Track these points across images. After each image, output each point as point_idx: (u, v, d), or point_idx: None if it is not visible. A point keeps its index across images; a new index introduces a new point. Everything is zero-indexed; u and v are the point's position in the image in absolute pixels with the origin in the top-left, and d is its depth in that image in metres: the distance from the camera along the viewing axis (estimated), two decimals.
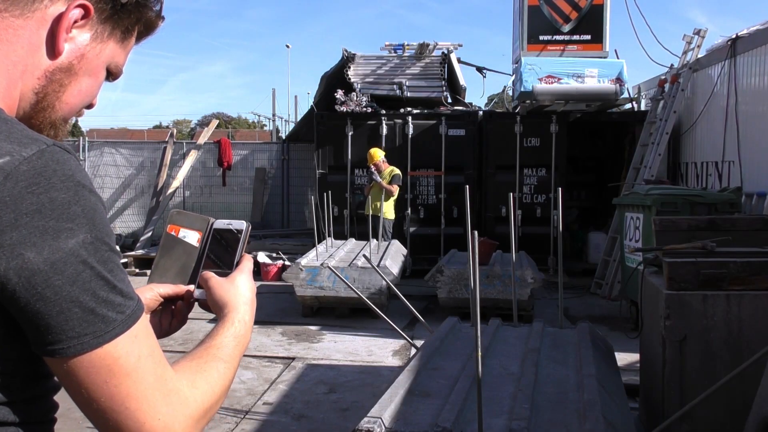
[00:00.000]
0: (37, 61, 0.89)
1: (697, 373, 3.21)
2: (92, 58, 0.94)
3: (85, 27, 0.92)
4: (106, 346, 0.82)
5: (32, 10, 0.87)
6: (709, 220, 4.06)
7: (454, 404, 2.51)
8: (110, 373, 0.82)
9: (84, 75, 0.94)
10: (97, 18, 0.92)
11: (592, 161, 11.96)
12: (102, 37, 0.94)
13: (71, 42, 0.91)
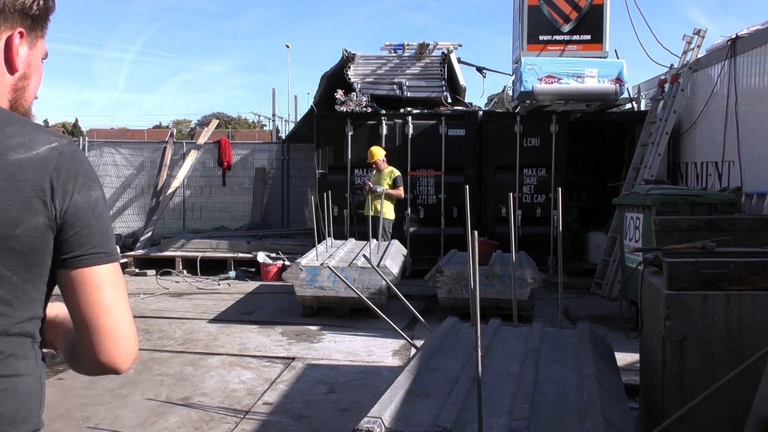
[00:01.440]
0: (5, 80, 1.28)
1: (697, 373, 3.21)
2: (34, 61, 1.33)
3: (23, 43, 1.29)
4: (111, 264, 1.26)
5: None
6: (709, 220, 4.06)
7: (454, 404, 2.51)
8: (112, 285, 1.25)
9: (33, 74, 1.33)
10: (27, 33, 1.29)
11: (592, 161, 11.96)
12: (34, 42, 1.32)
13: (19, 58, 1.28)
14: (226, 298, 8.67)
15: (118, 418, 4.45)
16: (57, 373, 5.40)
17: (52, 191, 1.19)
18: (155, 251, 11.03)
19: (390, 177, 9.08)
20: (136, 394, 4.92)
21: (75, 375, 5.37)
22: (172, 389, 5.07)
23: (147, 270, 10.51)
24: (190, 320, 7.33)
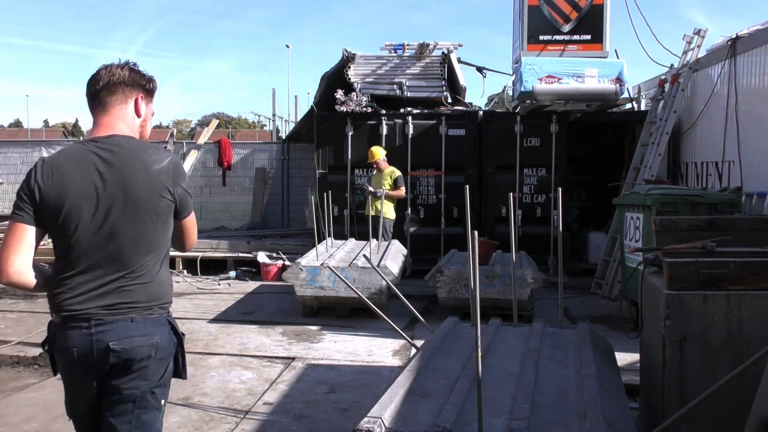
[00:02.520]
0: (136, 122, 2.50)
1: (697, 373, 3.21)
2: (148, 112, 2.54)
3: (142, 102, 2.50)
4: (193, 214, 2.55)
5: (128, 102, 2.46)
6: (709, 220, 4.06)
7: (454, 404, 2.51)
8: (194, 224, 2.57)
9: (148, 120, 2.55)
10: (144, 97, 2.51)
11: (592, 161, 11.96)
12: (148, 102, 2.54)
13: (141, 110, 2.51)
14: (226, 298, 8.67)
15: None
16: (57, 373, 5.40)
17: (173, 186, 2.40)
18: None
19: (391, 177, 9.08)
20: None
21: None
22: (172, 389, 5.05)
23: None
24: (190, 320, 7.32)
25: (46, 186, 2.27)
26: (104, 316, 2.29)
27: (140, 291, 2.34)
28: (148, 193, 2.32)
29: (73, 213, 2.28)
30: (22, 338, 6.45)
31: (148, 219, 2.33)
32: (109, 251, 2.30)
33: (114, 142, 2.36)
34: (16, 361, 5.71)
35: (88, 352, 2.29)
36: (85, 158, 2.33)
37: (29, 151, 13.25)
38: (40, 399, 4.81)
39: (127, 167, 2.32)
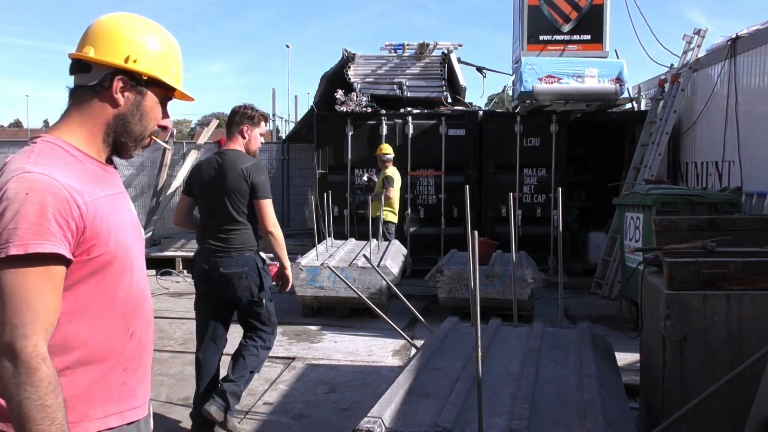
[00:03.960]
0: (242, 142, 4.29)
1: (697, 373, 3.21)
2: (252, 135, 4.27)
3: (248, 130, 4.26)
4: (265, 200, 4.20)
5: (239, 129, 4.25)
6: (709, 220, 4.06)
7: (454, 404, 2.51)
8: (268, 206, 4.26)
9: (253, 140, 4.30)
10: (250, 126, 4.25)
11: (592, 161, 11.96)
12: (252, 129, 4.30)
13: (247, 134, 4.29)
14: None
15: None
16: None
17: (249, 178, 4.01)
18: (155, 251, 11.03)
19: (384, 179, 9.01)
20: None
21: None
22: (172, 389, 5.07)
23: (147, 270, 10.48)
24: (190, 320, 7.30)
25: (192, 175, 4.26)
26: (217, 250, 4.05)
27: (235, 238, 4.09)
28: (236, 181, 4.01)
29: (202, 190, 4.13)
30: None
31: (234, 196, 4.02)
32: (217, 214, 4.07)
33: (225, 153, 4.11)
34: None
35: (208, 271, 4.10)
36: (211, 160, 4.16)
37: None
38: None
39: (226, 166, 4.05)
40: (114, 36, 1.60)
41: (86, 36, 1.61)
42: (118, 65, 1.59)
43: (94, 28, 1.61)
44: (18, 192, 1.41)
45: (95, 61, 1.59)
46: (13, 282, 1.37)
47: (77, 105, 1.60)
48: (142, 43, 1.62)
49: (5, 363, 1.36)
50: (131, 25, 1.63)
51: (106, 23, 1.62)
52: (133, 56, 1.60)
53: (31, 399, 1.36)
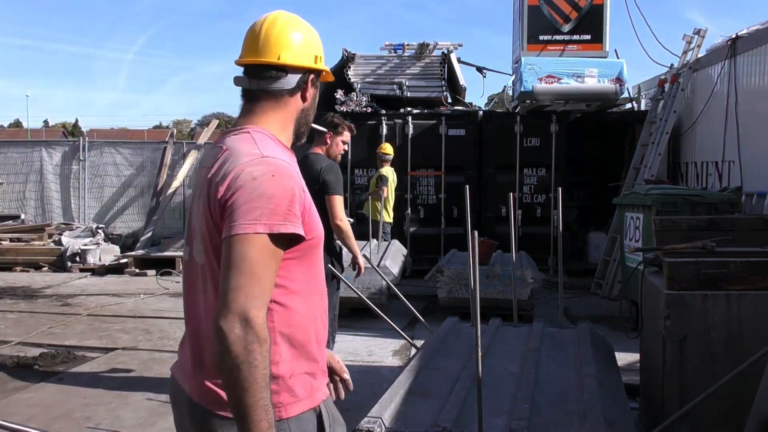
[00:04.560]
0: (324, 148, 4.75)
1: (697, 373, 3.20)
2: (333, 142, 4.79)
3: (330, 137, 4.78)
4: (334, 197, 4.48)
5: (324, 137, 4.74)
6: (709, 220, 4.06)
7: (454, 404, 2.51)
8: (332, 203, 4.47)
9: (334, 146, 4.78)
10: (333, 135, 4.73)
11: (592, 161, 11.95)
12: (335, 138, 4.80)
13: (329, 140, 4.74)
14: None
15: (118, 418, 4.45)
16: (57, 373, 5.41)
17: (321, 176, 4.35)
18: (155, 251, 11.03)
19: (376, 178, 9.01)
20: (136, 394, 4.92)
21: (75, 375, 5.37)
22: None
23: (147, 270, 10.50)
24: None
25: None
26: None
27: None
28: (311, 180, 4.10)
29: None
30: (22, 338, 6.45)
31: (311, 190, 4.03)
32: None
33: (308, 156, 4.55)
34: (16, 361, 5.71)
35: None
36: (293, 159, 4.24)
37: (29, 151, 13.24)
38: (40, 399, 4.81)
39: (306, 167, 4.12)
40: (302, 40, 1.72)
41: (273, 43, 1.70)
42: (311, 67, 1.73)
43: (279, 35, 1.70)
44: (264, 173, 1.52)
45: (295, 66, 1.70)
46: (253, 255, 1.45)
47: (270, 102, 1.71)
48: (318, 42, 1.78)
49: (236, 324, 1.39)
50: (305, 26, 1.77)
51: (289, 28, 1.72)
52: (318, 55, 1.76)
53: (259, 367, 1.40)
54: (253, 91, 1.73)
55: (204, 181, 1.59)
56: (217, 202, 1.51)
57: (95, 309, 7.88)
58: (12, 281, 9.92)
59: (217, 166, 1.57)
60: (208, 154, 1.69)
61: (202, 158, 1.69)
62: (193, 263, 1.63)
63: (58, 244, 11.25)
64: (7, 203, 13.18)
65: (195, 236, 1.62)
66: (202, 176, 1.62)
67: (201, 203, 1.58)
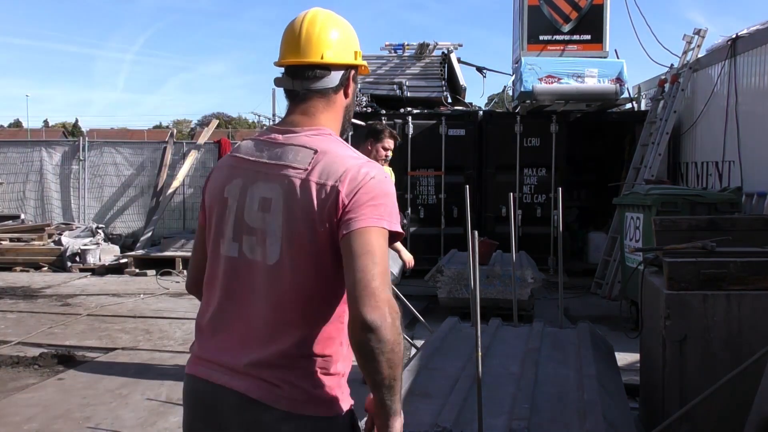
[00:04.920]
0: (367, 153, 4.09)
1: (697, 373, 3.20)
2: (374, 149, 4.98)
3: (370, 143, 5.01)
4: None
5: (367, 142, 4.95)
6: (709, 220, 4.06)
7: (454, 404, 2.51)
8: None
9: (373, 152, 4.92)
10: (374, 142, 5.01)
11: (592, 161, 11.95)
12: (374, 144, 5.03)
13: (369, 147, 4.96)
14: None
15: (118, 418, 4.45)
16: (57, 373, 5.41)
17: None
18: (155, 251, 11.03)
19: None
20: (136, 394, 4.92)
21: (75, 375, 5.37)
22: (172, 389, 5.06)
23: (147, 270, 10.50)
24: (190, 320, 7.32)
25: None
26: None
27: None
28: None
29: None
30: (22, 338, 6.45)
31: None
32: None
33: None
34: (16, 361, 5.71)
35: None
36: None
37: (29, 151, 13.24)
38: (40, 399, 4.81)
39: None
40: (342, 37, 1.72)
41: (315, 42, 1.69)
42: (351, 63, 1.73)
43: (321, 33, 1.69)
44: (378, 174, 1.58)
45: (337, 63, 1.70)
46: (383, 248, 1.51)
47: (321, 101, 1.70)
48: (355, 37, 1.77)
49: (386, 312, 1.44)
50: (343, 22, 1.77)
51: (329, 26, 1.71)
52: (357, 51, 1.75)
53: (400, 352, 1.49)
54: (299, 90, 1.70)
55: (299, 178, 1.56)
56: (332, 199, 1.52)
57: (95, 309, 7.88)
58: (12, 281, 9.92)
59: (319, 167, 1.56)
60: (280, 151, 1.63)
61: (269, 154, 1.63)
62: (253, 263, 1.59)
63: (57, 244, 11.25)
64: (7, 203, 13.18)
65: (263, 236, 1.57)
66: (283, 175, 1.58)
67: (295, 203, 1.55)
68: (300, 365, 1.54)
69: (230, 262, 1.62)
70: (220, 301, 1.63)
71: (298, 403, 1.53)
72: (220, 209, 1.66)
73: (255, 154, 1.66)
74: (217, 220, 1.66)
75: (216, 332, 1.63)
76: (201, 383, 1.61)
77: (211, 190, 1.72)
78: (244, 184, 1.63)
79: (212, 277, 1.66)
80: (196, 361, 1.66)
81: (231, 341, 1.60)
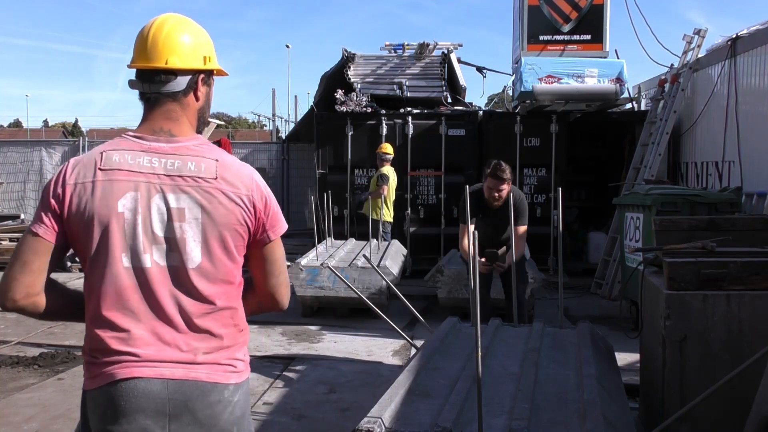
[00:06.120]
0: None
1: (697, 373, 3.20)
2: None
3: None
4: None
5: None
6: (709, 220, 4.06)
7: (454, 404, 2.51)
8: None
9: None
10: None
11: (592, 161, 11.95)
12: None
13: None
14: None
15: None
16: (57, 373, 5.40)
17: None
18: None
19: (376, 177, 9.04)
20: None
21: (75, 375, 5.36)
22: None
23: None
24: None
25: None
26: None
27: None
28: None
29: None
30: (22, 338, 6.44)
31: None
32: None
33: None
34: (15, 361, 5.71)
35: None
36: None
37: (29, 151, 13.25)
38: (39, 399, 4.81)
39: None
40: (190, 43, 1.80)
41: (161, 47, 1.77)
42: (199, 68, 1.82)
43: (166, 39, 1.77)
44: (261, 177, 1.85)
45: (183, 69, 1.78)
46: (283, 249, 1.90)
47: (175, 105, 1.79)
48: (207, 42, 1.86)
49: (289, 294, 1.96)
50: (193, 29, 1.84)
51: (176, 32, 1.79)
52: (207, 56, 1.84)
53: None
54: (148, 94, 1.79)
55: (212, 189, 1.72)
56: (249, 207, 1.75)
57: None
58: None
59: (226, 176, 1.74)
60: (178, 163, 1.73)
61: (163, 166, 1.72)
62: (173, 268, 1.70)
63: None
64: (7, 203, 13.19)
65: (181, 243, 1.70)
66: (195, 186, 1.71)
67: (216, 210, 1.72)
68: (237, 342, 1.78)
69: (141, 273, 1.68)
70: (145, 307, 1.69)
71: (243, 373, 1.78)
72: (114, 223, 1.67)
73: (144, 166, 1.71)
74: (111, 234, 1.67)
75: (152, 334, 1.68)
76: (154, 383, 1.66)
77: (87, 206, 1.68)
78: (143, 197, 1.69)
79: (117, 289, 1.67)
80: (132, 365, 1.66)
81: (172, 339, 1.69)
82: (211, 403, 1.70)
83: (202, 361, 1.70)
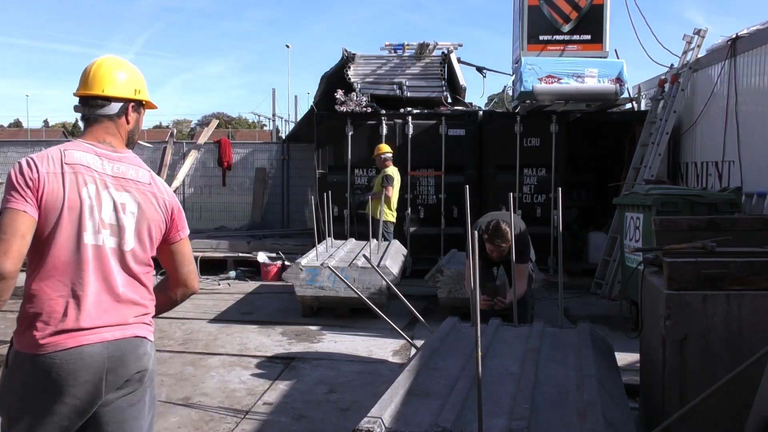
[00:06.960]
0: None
1: (697, 373, 3.21)
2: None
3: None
4: None
5: None
6: (709, 220, 4.06)
7: (454, 404, 2.51)
8: None
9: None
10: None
11: (592, 161, 11.95)
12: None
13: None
14: (226, 298, 8.67)
15: None
16: None
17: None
18: None
19: (383, 178, 9.05)
20: None
21: None
22: (172, 389, 5.07)
23: None
24: (190, 320, 7.32)
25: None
26: None
27: None
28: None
29: None
30: None
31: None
32: None
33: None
34: None
35: None
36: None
37: (29, 151, 13.24)
38: None
39: None
40: (124, 78, 2.28)
41: (99, 80, 2.25)
42: (130, 97, 2.29)
43: (105, 73, 2.25)
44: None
45: (115, 97, 2.25)
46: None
47: (111, 124, 2.27)
48: (138, 78, 2.33)
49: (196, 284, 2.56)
50: (127, 67, 2.32)
51: (112, 68, 2.27)
52: (138, 89, 2.31)
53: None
54: (88, 115, 2.25)
55: (147, 191, 2.25)
56: (168, 210, 2.31)
57: None
58: None
59: (155, 183, 2.29)
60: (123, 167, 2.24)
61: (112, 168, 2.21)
62: (113, 249, 2.17)
63: None
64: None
65: (120, 230, 2.17)
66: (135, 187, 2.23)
67: (148, 208, 2.24)
68: (150, 309, 2.28)
69: (95, 249, 2.12)
70: (93, 278, 2.11)
71: (153, 333, 2.29)
72: (79, 207, 2.10)
73: (99, 166, 2.17)
74: (77, 215, 2.09)
75: (98, 302, 2.11)
76: (96, 347, 2.07)
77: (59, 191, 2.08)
78: (98, 189, 2.14)
79: (77, 260, 2.09)
80: (75, 333, 2.07)
81: (111, 306, 2.14)
82: (140, 355, 2.18)
83: (133, 322, 2.18)
